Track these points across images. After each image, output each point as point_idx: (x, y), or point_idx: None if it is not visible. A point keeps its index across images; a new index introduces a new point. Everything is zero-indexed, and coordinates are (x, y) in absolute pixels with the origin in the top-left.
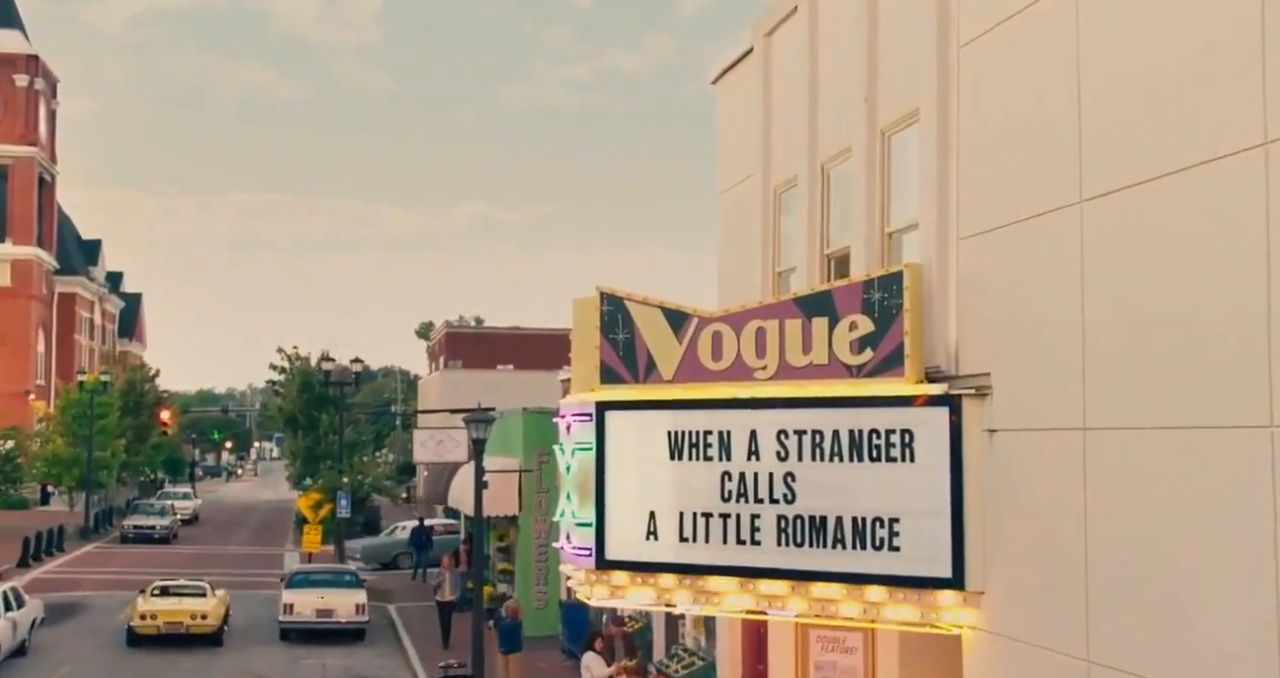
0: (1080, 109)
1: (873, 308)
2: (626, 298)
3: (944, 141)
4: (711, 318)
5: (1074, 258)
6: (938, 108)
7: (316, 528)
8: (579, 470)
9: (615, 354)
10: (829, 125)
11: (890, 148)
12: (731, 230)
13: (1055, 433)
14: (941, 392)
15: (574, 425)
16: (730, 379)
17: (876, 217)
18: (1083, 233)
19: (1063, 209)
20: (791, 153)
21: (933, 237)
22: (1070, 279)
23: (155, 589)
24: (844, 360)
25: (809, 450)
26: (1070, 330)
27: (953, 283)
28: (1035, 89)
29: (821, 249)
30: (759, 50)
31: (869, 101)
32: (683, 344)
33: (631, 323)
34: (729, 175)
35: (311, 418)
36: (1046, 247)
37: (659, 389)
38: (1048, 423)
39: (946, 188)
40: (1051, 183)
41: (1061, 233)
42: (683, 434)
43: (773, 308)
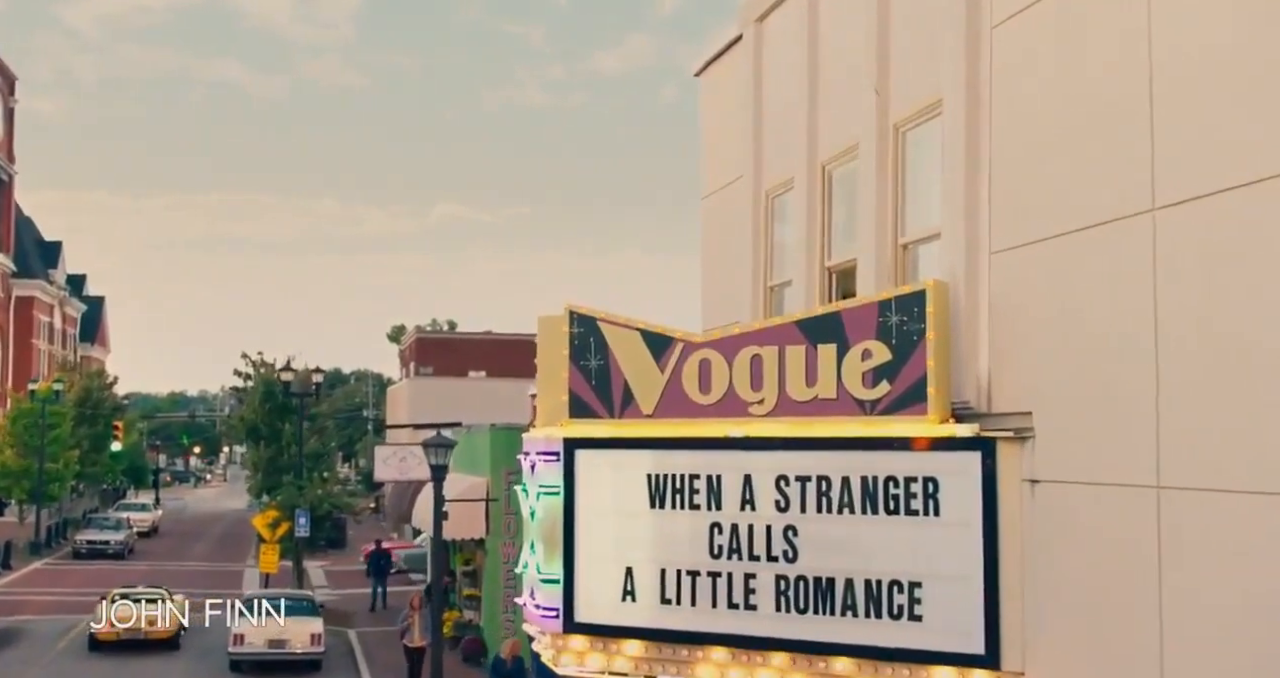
0: (1153, 99)
1: (890, 333)
2: (600, 319)
3: (973, 138)
4: (699, 343)
5: (1144, 277)
6: (965, 99)
7: (274, 547)
8: (545, 518)
9: (586, 384)
10: (831, 120)
11: (905, 145)
12: (716, 239)
13: (1117, 490)
14: (972, 433)
15: (539, 465)
16: (721, 415)
17: (888, 225)
18: (1156, 247)
19: (1129, 219)
20: (787, 152)
21: (959, 249)
22: (1139, 302)
23: (116, 596)
24: (855, 395)
25: (814, 500)
26: (1138, 363)
27: (984, 304)
28: (1092, 76)
29: (822, 261)
30: (749, 38)
31: (880, 92)
32: (665, 373)
33: (605, 348)
34: (713, 177)
35: (274, 428)
36: (1107, 263)
37: (637, 425)
38: (1107, 476)
39: (976, 192)
40: (1114, 187)
41: (1127, 247)
42: (665, 478)
43: (770, 332)
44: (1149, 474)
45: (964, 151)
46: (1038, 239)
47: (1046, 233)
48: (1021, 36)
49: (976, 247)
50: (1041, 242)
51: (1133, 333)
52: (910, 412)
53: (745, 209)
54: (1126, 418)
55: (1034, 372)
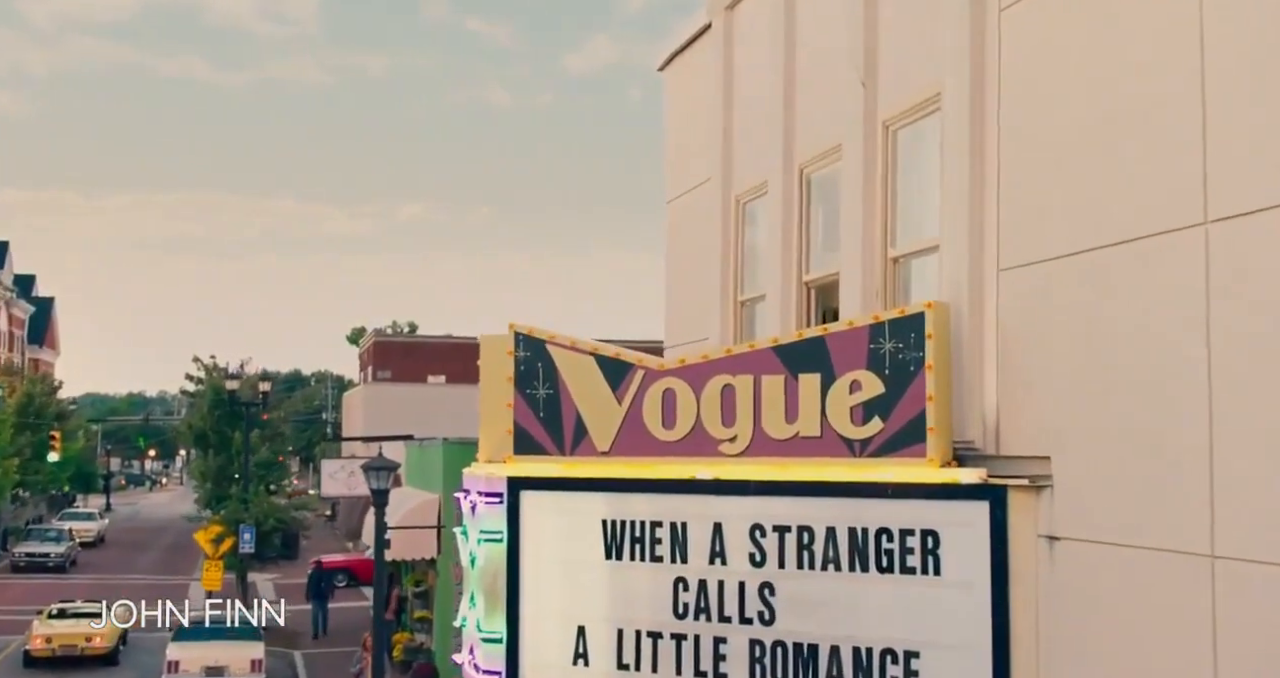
0: (1205, 94)
1: (882, 362)
2: (549, 341)
3: (977, 137)
4: (662, 370)
5: (1193, 301)
6: (969, 92)
7: (217, 564)
8: (486, 567)
9: (533, 415)
10: (810, 117)
11: (896, 145)
12: (682, 247)
13: (1159, 556)
14: (979, 480)
15: (480, 507)
16: (687, 454)
17: (876, 236)
18: (1209, 267)
19: (1175, 234)
20: (760, 152)
21: (961, 265)
22: (1187, 330)
23: (52, 611)
24: (842, 433)
25: (794, 554)
26: (1187, 403)
27: (991, 329)
28: (1126, 67)
29: (799, 274)
30: (719, 27)
31: (867, 85)
32: (624, 404)
33: (555, 374)
34: (679, 180)
35: (223, 436)
36: (1146, 284)
37: (592, 464)
38: (1146, 538)
39: (981, 200)
40: (1156, 197)
41: (1172, 265)
42: (623, 526)
43: (744, 359)
44: (1200, 539)
45: (967, 153)
46: (1057, 255)
47: (1068, 248)
48: (1036, 21)
49: (982, 262)
50: (1062, 258)
51: (1179, 367)
52: (906, 453)
53: (714, 215)
54: (1171, 469)
55: (1053, 410)
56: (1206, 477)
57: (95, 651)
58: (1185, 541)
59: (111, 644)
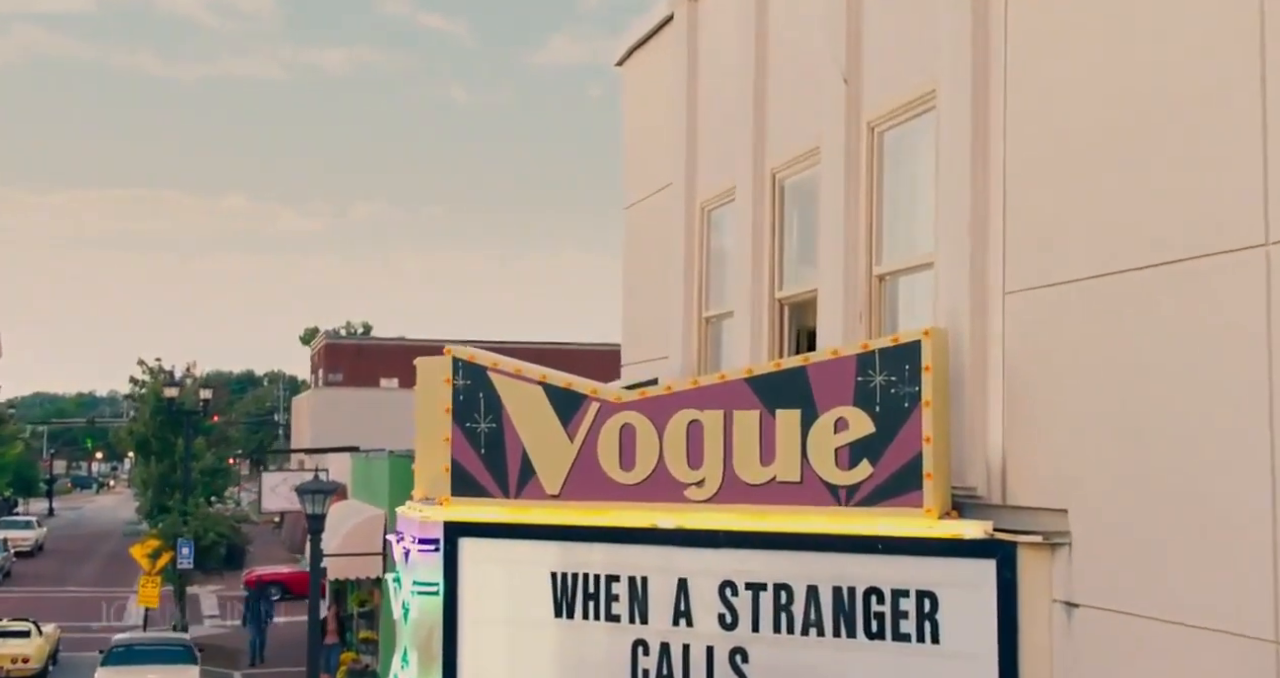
0: (1266, 89)
1: (872, 397)
2: (491, 368)
3: (980, 141)
4: (619, 403)
5: (1252, 334)
6: (970, 89)
7: (154, 580)
8: (421, 621)
9: (474, 452)
10: (785, 117)
11: (882, 149)
12: (641, 257)
13: (1205, 635)
14: (984, 534)
15: (414, 554)
16: (648, 499)
17: (860, 249)
18: (1270, 294)
19: (1229, 255)
20: (727, 155)
21: (960, 286)
22: (1241, 368)
23: None
24: (826, 477)
25: (770, 616)
26: (1242, 452)
27: (996, 361)
28: (1165, 62)
29: (771, 290)
30: (681, 18)
31: (849, 81)
32: (576, 441)
33: (499, 406)
34: (638, 184)
35: (166, 442)
36: (1190, 313)
37: (540, 509)
38: (1187, 613)
39: (984, 213)
40: (1205, 212)
41: (1224, 293)
42: (575, 579)
43: (713, 391)
44: (1260, 620)
45: (967, 159)
46: (1077, 277)
47: (1091, 269)
48: (1051, 8)
49: (985, 284)
50: (1083, 282)
51: (1233, 410)
52: (899, 502)
53: (676, 223)
54: (1223, 530)
55: (1071, 455)
56: (1270, 543)
57: (23, 672)
58: (1240, 620)
59: (41, 665)
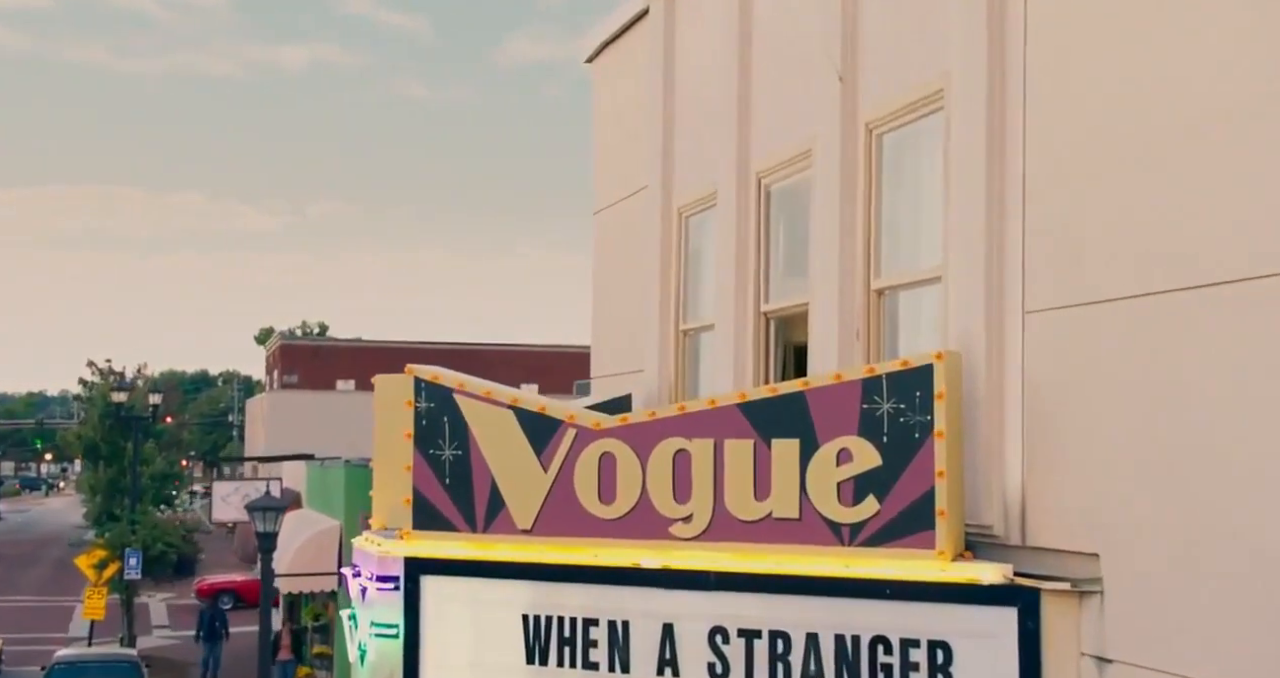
0: None
1: (879, 426)
2: (457, 390)
3: (996, 145)
4: (599, 429)
5: None
6: (986, 88)
7: (100, 592)
8: (379, 665)
9: (438, 482)
10: (772, 117)
11: (881, 152)
12: (612, 265)
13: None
14: (1004, 579)
15: (371, 592)
16: (630, 535)
17: (856, 261)
18: None
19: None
20: (708, 157)
21: (974, 304)
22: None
23: None
24: (827, 514)
25: (765, 666)
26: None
27: (1014, 387)
28: (1212, 59)
29: (756, 303)
30: (658, 10)
31: (845, 79)
32: (550, 471)
33: (465, 432)
34: (609, 188)
35: (115, 447)
36: (1246, 339)
37: (510, 545)
38: (1237, 673)
39: (1000, 224)
40: (1262, 230)
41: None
42: (549, 623)
43: (702, 418)
44: None
45: (982, 165)
46: (1110, 297)
47: (1127, 289)
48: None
49: (1001, 302)
50: (1118, 302)
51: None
52: (908, 543)
53: (651, 230)
54: (1276, 577)
55: (1103, 492)
56: None
57: None
58: None
59: None
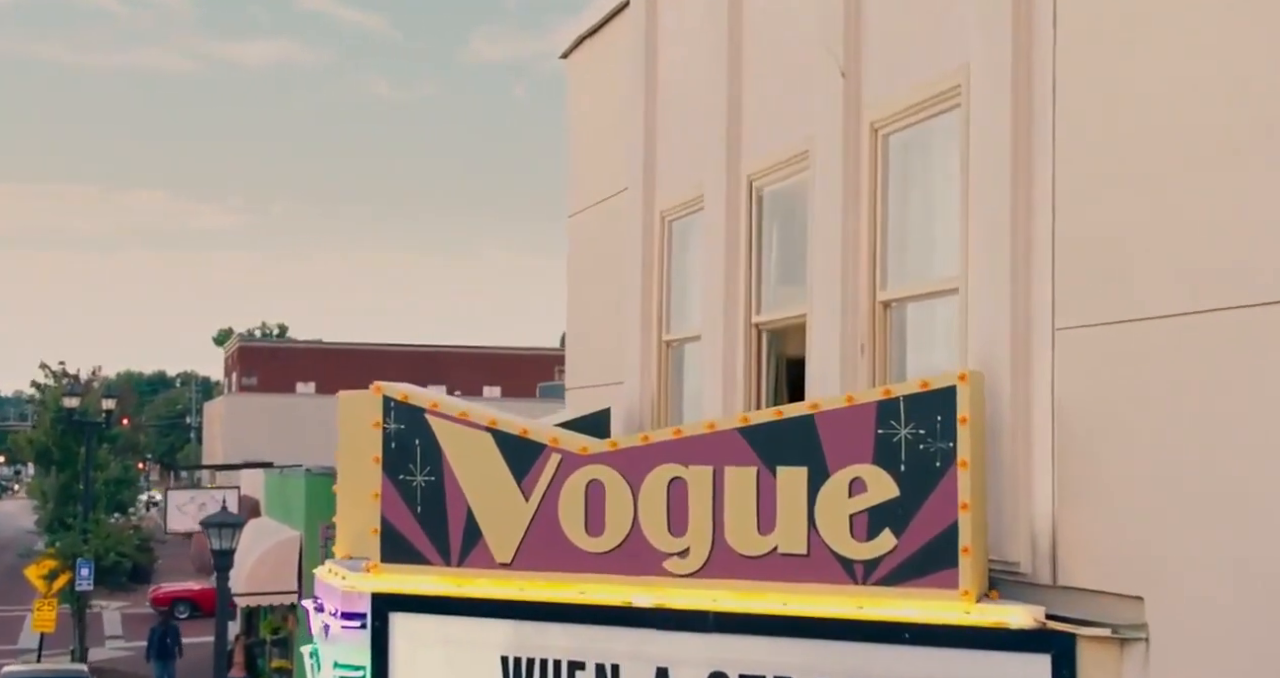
0: None
1: (895, 454)
2: (430, 410)
3: (1021, 147)
4: (586, 455)
5: None
6: (1010, 81)
7: (50, 603)
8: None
9: (408, 510)
10: (765, 115)
11: (887, 153)
12: (589, 271)
13: None
14: (1035, 624)
15: (335, 630)
16: (620, 571)
17: (860, 270)
18: None
19: None
20: (695, 158)
21: (998, 320)
22: None
23: None
24: (839, 550)
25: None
26: None
27: (1043, 411)
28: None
29: (747, 314)
30: (640, 1)
31: (848, 74)
32: (532, 500)
33: (439, 456)
34: (585, 190)
35: (68, 452)
36: None
37: (489, 580)
38: None
39: (1027, 232)
40: None
41: None
42: (530, 666)
43: (700, 443)
44: None
45: (1007, 168)
46: (1156, 314)
47: (1177, 305)
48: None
49: (1028, 317)
50: (1166, 320)
51: None
52: (929, 582)
53: (632, 234)
54: None
55: (1150, 529)
56: None
57: None
58: None
59: None
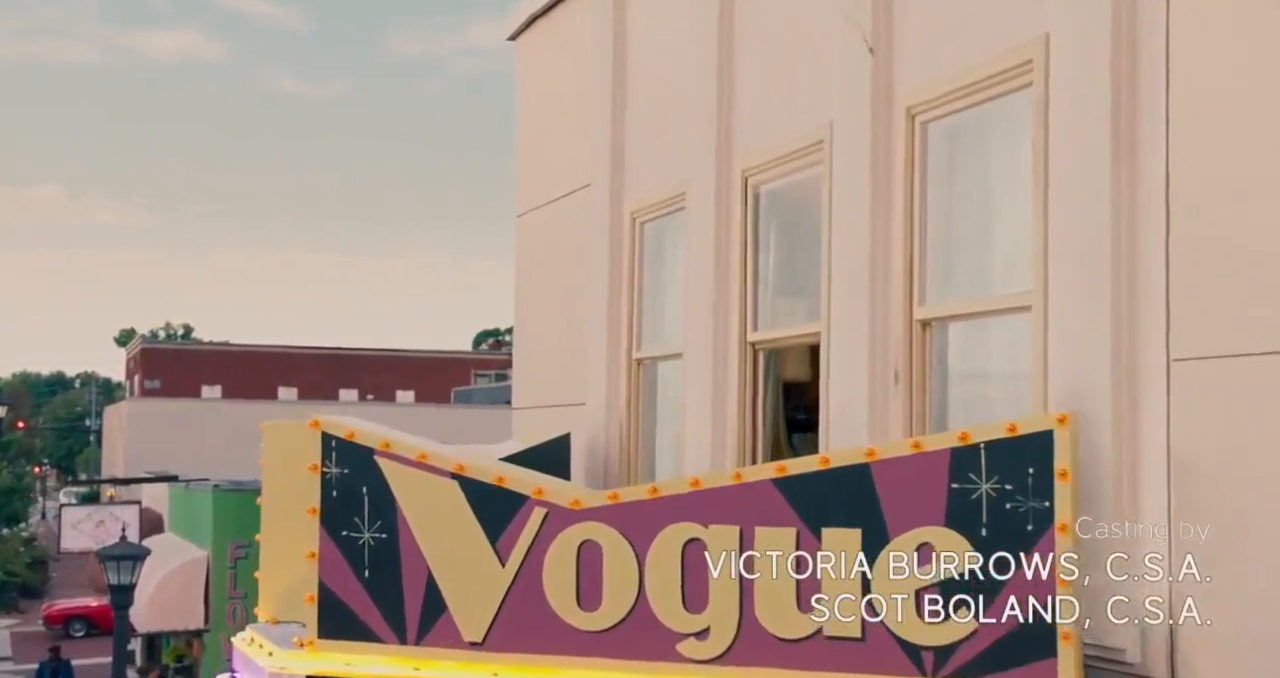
0: None
1: (974, 514)
2: (380, 451)
3: (1124, 131)
4: (578, 509)
5: None
6: (1110, 49)
7: None
8: None
9: (354, 576)
10: (767, 100)
11: (927, 144)
12: (541, 277)
13: None
14: None
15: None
16: (622, 654)
17: (892, 282)
18: None
19: None
20: (674, 151)
21: (1092, 347)
22: None
23: None
24: (903, 634)
25: None
26: None
27: (1154, 459)
28: None
29: (741, 331)
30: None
31: (877, 51)
32: (510, 564)
33: (392, 508)
34: (537, 187)
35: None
36: None
37: (455, 662)
38: None
39: (1130, 236)
40: None
41: None
42: None
43: (723, 497)
44: None
45: (1106, 160)
46: None
47: None
48: None
49: (1134, 344)
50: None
51: None
52: (1020, 675)
53: (597, 237)
54: None
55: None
56: None
57: None
58: None
59: None
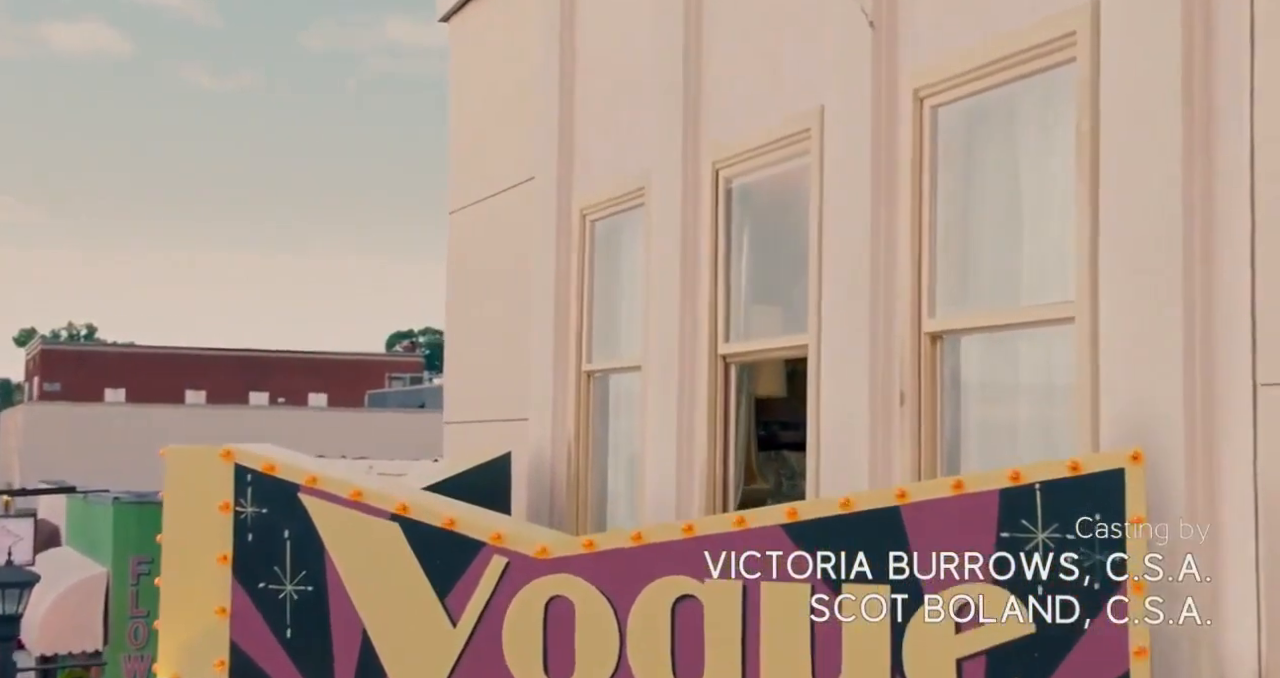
0: None
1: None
2: (306, 488)
3: (1196, 115)
4: (545, 559)
5: None
6: (1181, 10)
7: None
8: None
9: (273, 636)
10: (739, 86)
11: (936, 129)
12: (476, 280)
13: None
14: None
15: None
16: None
17: (896, 289)
18: None
19: None
20: (632, 140)
21: (1159, 369)
22: None
23: None
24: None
25: None
26: None
27: (1238, 501)
28: None
29: (711, 342)
30: None
31: (878, 25)
32: (463, 623)
33: (320, 556)
34: (472, 182)
35: None
36: None
37: None
38: None
39: (1206, 235)
40: None
41: None
42: None
43: (723, 545)
44: None
45: (1178, 147)
46: None
47: None
48: None
49: (1211, 366)
50: None
51: None
52: None
53: (542, 236)
54: None
55: None
56: None
57: None
58: None
59: None
